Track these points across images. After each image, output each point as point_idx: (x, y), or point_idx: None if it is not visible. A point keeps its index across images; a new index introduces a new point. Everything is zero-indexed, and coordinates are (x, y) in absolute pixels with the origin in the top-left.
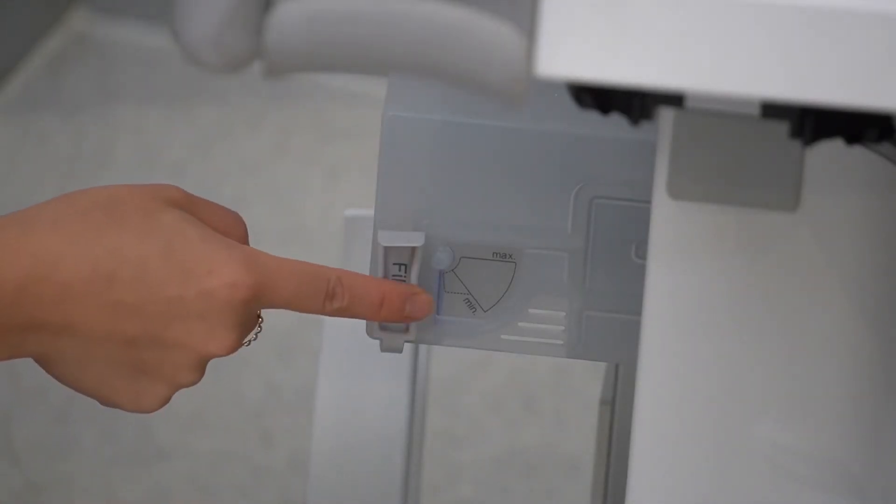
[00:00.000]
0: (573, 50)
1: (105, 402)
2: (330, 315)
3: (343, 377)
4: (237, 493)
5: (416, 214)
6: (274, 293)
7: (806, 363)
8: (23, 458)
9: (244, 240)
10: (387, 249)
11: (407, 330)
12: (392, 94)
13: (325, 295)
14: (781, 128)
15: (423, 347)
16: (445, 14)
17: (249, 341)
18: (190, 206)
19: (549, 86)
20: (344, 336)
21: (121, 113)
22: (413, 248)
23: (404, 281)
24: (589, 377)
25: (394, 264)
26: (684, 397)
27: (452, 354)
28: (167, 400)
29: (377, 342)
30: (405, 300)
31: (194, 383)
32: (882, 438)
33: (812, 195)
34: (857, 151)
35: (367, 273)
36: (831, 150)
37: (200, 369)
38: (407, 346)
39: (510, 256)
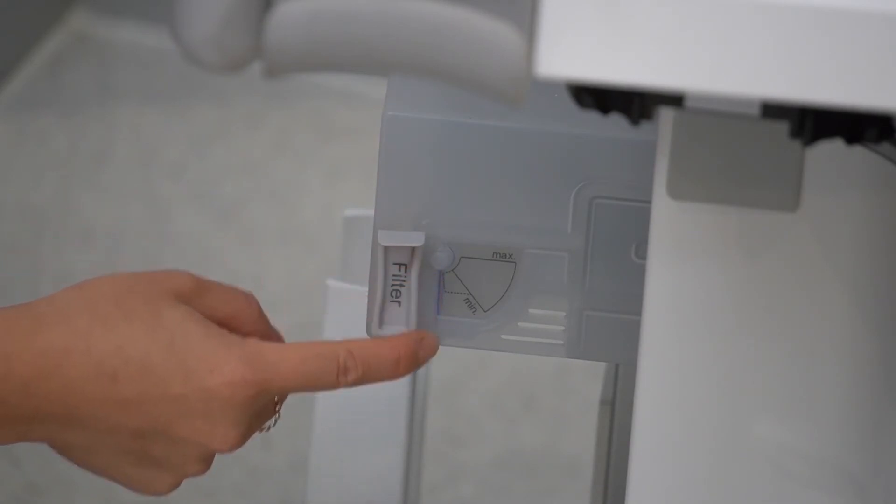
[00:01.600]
0: (573, 50)
1: (117, 483)
2: (349, 387)
3: None
4: (237, 494)
5: (416, 214)
6: (281, 385)
7: (806, 363)
8: (23, 458)
9: (257, 320)
10: (387, 249)
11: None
12: (392, 94)
13: (337, 372)
14: (781, 128)
15: None
16: (445, 14)
17: (268, 427)
18: (199, 294)
19: (549, 86)
20: (344, 336)
21: (120, 112)
22: (413, 248)
23: (404, 281)
24: (589, 377)
25: (394, 264)
26: (684, 397)
27: (452, 354)
28: (177, 485)
29: None
30: (417, 348)
31: (202, 473)
32: (882, 438)
33: (812, 195)
34: (857, 151)
35: (366, 274)
36: (831, 150)
37: (207, 461)
38: None
39: (510, 256)
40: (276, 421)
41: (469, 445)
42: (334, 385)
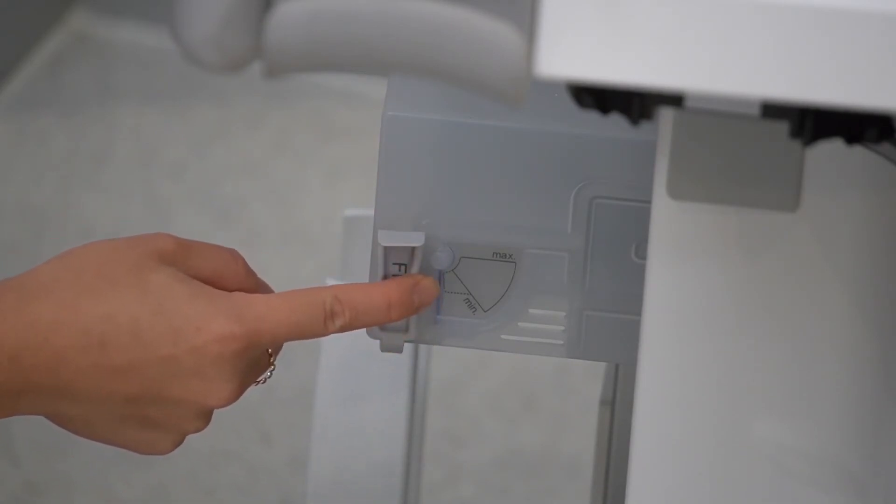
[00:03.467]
0: (573, 50)
1: (122, 448)
2: (339, 332)
3: (343, 377)
4: (236, 493)
5: (416, 214)
6: (269, 335)
7: (806, 363)
8: (23, 458)
9: (243, 276)
10: (387, 249)
11: (407, 330)
12: (392, 94)
13: (324, 317)
14: (781, 128)
15: (423, 347)
16: (445, 14)
17: (264, 379)
18: (183, 255)
19: (549, 86)
20: (344, 336)
21: (120, 112)
22: (413, 248)
23: None
24: (589, 377)
25: (394, 264)
26: (684, 397)
27: (452, 354)
28: (180, 443)
29: (377, 342)
30: (411, 292)
31: (202, 429)
32: (882, 438)
33: (812, 195)
34: (857, 151)
35: (366, 274)
36: (831, 150)
37: (205, 418)
38: (407, 346)
39: (510, 256)
40: (271, 373)
41: (469, 445)
42: (323, 331)
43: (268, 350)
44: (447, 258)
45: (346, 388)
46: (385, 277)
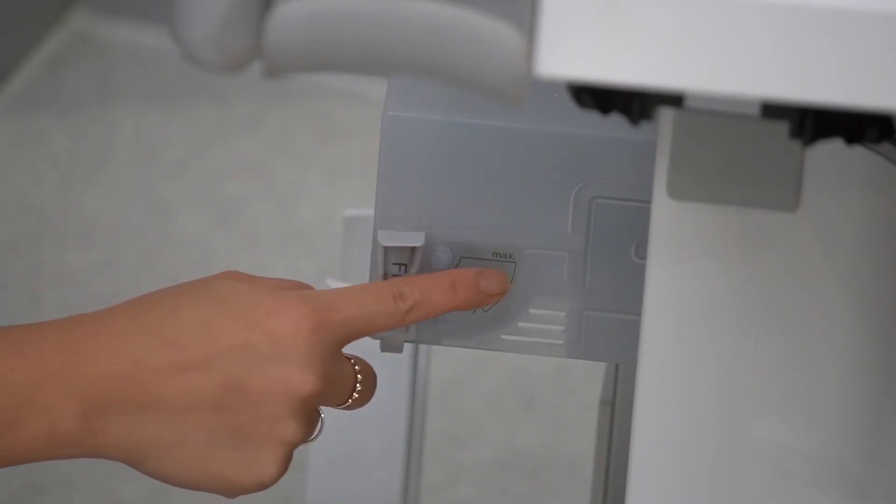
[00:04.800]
0: (573, 50)
1: (220, 484)
2: (410, 321)
3: None
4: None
5: (416, 214)
6: (339, 311)
7: (806, 363)
8: None
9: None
10: (387, 249)
11: (407, 329)
12: (392, 94)
13: (392, 297)
14: (781, 128)
15: (423, 347)
16: (445, 14)
17: (315, 436)
18: (246, 274)
19: (549, 86)
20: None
21: (120, 112)
22: (413, 248)
23: None
24: (589, 377)
25: (394, 264)
26: (684, 397)
27: (452, 354)
28: (284, 463)
29: (377, 342)
30: (475, 275)
31: (303, 436)
32: (882, 438)
33: (812, 195)
34: (857, 151)
35: (366, 274)
36: (831, 150)
37: (300, 416)
38: (407, 346)
39: (510, 256)
40: (321, 427)
41: (469, 446)
42: (392, 310)
43: (318, 407)
44: (447, 258)
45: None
46: (385, 277)
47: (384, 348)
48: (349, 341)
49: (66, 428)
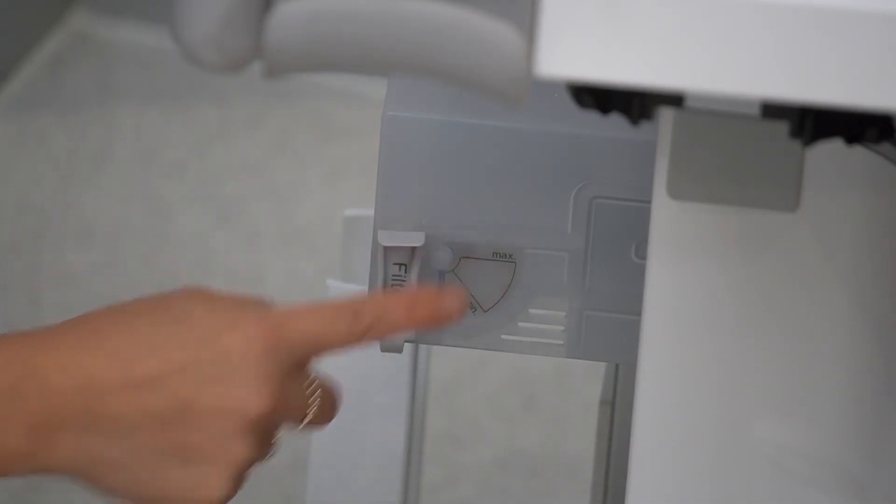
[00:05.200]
0: (573, 50)
1: (170, 503)
2: (366, 340)
3: (343, 377)
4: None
5: (416, 214)
6: (295, 329)
7: (806, 363)
8: None
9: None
10: (387, 249)
11: None
12: (392, 94)
13: (350, 315)
14: (781, 128)
15: (423, 347)
16: (445, 14)
17: (269, 457)
18: (205, 294)
19: (549, 86)
20: None
21: (120, 112)
22: (413, 248)
23: (404, 281)
24: (589, 377)
25: (394, 264)
26: (684, 397)
27: (452, 354)
28: (233, 483)
29: (377, 342)
30: (436, 296)
31: (254, 456)
32: (882, 438)
33: (812, 195)
34: (857, 151)
35: (366, 274)
36: (831, 150)
37: (250, 436)
38: (407, 346)
39: (510, 256)
40: (273, 452)
41: (469, 446)
42: (350, 328)
43: (275, 429)
44: (447, 258)
45: (346, 389)
46: (385, 277)
47: (384, 348)
48: (307, 360)
49: (15, 444)
